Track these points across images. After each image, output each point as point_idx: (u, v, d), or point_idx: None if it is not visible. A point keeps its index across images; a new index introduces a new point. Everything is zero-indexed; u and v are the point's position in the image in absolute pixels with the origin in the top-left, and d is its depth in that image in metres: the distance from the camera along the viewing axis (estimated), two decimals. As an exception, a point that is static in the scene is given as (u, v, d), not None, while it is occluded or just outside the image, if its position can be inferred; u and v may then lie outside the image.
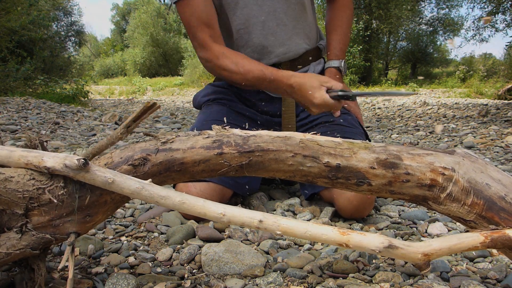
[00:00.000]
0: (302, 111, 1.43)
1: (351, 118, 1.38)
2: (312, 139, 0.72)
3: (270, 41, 1.39)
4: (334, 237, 0.61)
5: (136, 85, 14.90)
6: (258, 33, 1.37)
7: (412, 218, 1.22)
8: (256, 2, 1.34)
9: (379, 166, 0.70)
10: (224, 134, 0.72)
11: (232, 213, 0.62)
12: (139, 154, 0.69)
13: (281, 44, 1.40)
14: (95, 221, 0.69)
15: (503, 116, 4.09)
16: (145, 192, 0.62)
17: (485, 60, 15.37)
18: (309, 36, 1.47)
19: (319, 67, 1.51)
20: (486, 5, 6.71)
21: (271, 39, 1.39)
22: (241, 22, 1.36)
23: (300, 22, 1.42)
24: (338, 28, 1.47)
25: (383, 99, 5.28)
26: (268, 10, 1.35)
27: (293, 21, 1.40)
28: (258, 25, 1.36)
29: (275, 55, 1.40)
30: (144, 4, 25.58)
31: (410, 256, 0.61)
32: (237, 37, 1.39)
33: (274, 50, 1.40)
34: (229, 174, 0.73)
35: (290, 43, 1.41)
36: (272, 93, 1.44)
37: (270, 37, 1.38)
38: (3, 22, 6.65)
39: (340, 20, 1.47)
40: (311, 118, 1.41)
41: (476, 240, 0.62)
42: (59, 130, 3.24)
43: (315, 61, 1.50)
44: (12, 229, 0.65)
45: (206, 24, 1.24)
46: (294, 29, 1.41)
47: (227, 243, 0.93)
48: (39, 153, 0.63)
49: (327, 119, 1.38)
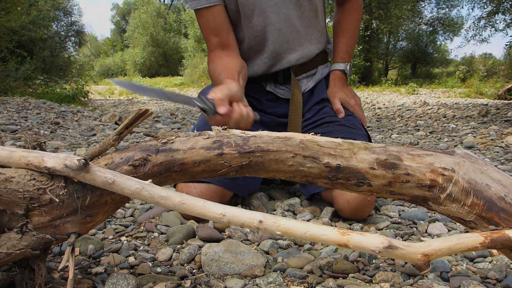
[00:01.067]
0: (308, 111, 1.44)
1: (355, 120, 1.39)
2: (312, 139, 0.72)
3: (283, 48, 1.41)
4: (334, 238, 0.61)
5: (136, 85, 14.86)
6: (274, 40, 1.39)
7: (412, 218, 1.22)
8: (273, 9, 1.35)
9: (379, 166, 0.70)
10: (224, 135, 0.72)
11: (232, 213, 0.62)
12: (139, 154, 0.69)
13: (293, 50, 1.42)
14: (95, 222, 0.69)
15: (503, 116, 4.09)
16: (145, 192, 0.62)
17: (485, 60, 15.37)
18: (320, 40, 1.48)
19: (326, 70, 1.53)
20: (486, 5, 6.71)
21: (284, 46, 1.41)
22: (258, 29, 1.38)
23: (312, 28, 1.44)
24: (346, 31, 1.48)
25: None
26: (284, 18, 1.36)
27: (306, 27, 1.41)
28: (274, 33, 1.38)
29: (287, 61, 1.43)
30: (144, 4, 25.60)
31: (410, 257, 0.61)
32: (253, 43, 1.41)
33: (286, 56, 1.42)
34: (229, 174, 0.73)
35: (303, 49, 1.43)
36: (280, 94, 1.45)
37: (284, 44, 1.40)
38: (3, 22, 6.65)
39: (349, 23, 1.48)
40: (315, 119, 1.42)
41: (476, 240, 0.62)
42: (59, 130, 3.24)
43: (323, 65, 1.52)
44: (13, 229, 0.65)
45: (214, 32, 1.33)
46: (307, 35, 1.42)
47: (227, 243, 0.93)
48: (39, 154, 0.63)
49: (331, 119, 1.38)
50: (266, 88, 1.47)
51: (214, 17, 1.31)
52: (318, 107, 1.44)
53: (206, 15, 1.31)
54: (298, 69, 1.45)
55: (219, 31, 1.32)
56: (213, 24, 1.32)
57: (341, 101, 1.43)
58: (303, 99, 1.45)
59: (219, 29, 1.32)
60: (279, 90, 1.47)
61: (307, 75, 1.48)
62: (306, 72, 1.48)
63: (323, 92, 1.47)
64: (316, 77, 1.49)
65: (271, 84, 1.47)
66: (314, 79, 1.49)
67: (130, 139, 2.80)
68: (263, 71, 1.46)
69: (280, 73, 1.45)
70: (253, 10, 1.34)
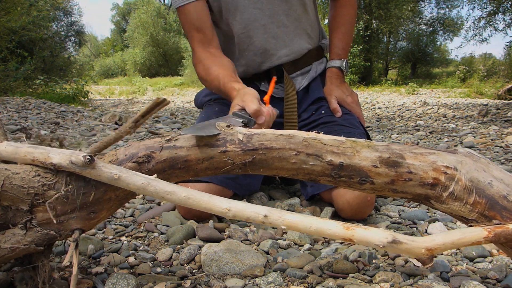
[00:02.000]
0: (304, 111, 1.43)
1: (352, 118, 1.38)
2: (315, 137, 0.72)
3: (271, 44, 1.38)
4: (338, 232, 0.61)
5: (136, 85, 14.89)
6: (259, 36, 1.37)
7: (412, 218, 1.22)
8: (256, 5, 1.33)
9: (382, 164, 0.70)
10: (228, 132, 0.73)
11: (237, 208, 0.62)
12: (143, 151, 0.70)
13: (283, 46, 1.39)
14: (99, 218, 0.69)
15: (503, 116, 4.10)
16: (150, 187, 0.62)
17: (485, 60, 15.37)
18: (311, 35, 1.46)
19: (321, 66, 1.51)
20: (486, 5, 6.71)
21: (272, 42, 1.38)
22: (242, 26, 1.36)
23: (302, 22, 1.41)
24: (341, 26, 1.45)
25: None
26: (269, 14, 1.35)
27: (294, 22, 1.39)
28: (259, 29, 1.36)
29: (277, 58, 1.40)
30: (144, 4, 25.58)
31: (414, 251, 0.61)
32: (238, 41, 1.39)
33: (276, 52, 1.40)
34: (232, 172, 0.74)
35: (292, 44, 1.40)
36: (274, 93, 1.44)
37: (272, 40, 1.38)
38: (3, 22, 6.65)
39: (343, 18, 1.46)
40: (312, 119, 1.41)
41: (479, 234, 0.63)
42: (59, 130, 3.24)
43: (318, 61, 1.50)
44: (17, 225, 0.65)
45: (197, 29, 1.31)
46: (296, 30, 1.40)
47: (227, 243, 0.93)
48: (45, 150, 0.63)
49: (328, 119, 1.38)
50: (260, 87, 1.45)
51: (198, 13, 1.30)
52: (314, 107, 1.43)
53: (189, 11, 1.30)
54: (291, 66, 1.43)
55: (202, 27, 1.31)
56: (196, 20, 1.31)
57: (338, 99, 1.41)
58: (298, 97, 1.43)
59: (202, 25, 1.31)
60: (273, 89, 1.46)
61: (301, 73, 1.47)
62: (300, 69, 1.46)
63: (319, 91, 1.45)
64: (311, 74, 1.47)
65: (265, 83, 1.45)
66: (309, 76, 1.47)
67: (130, 139, 2.80)
68: (254, 70, 1.44)
69: (273, 71, 1.43)
70: (236, 7, 1.33)
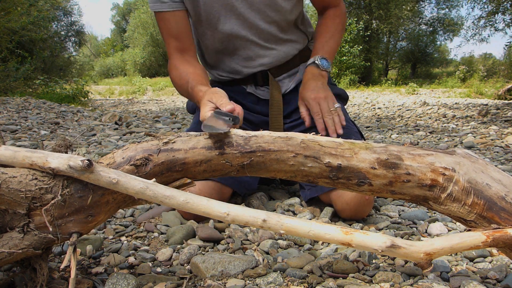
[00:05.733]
0: (294, 112, 1.42)
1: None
2: (313, 139, 0.72)
3: (255, 51, 1.38)
4: (337, 236, 0.61)
5: (136, 85, 14.91)
6: (242, 45, 1.37)
7: (412, 218, 1.22)
8: (237, 17, 1.32)
9: (380, 166, 0.70)
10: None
11: (236, 212, 0.62)
12: (141, 154, 0.70)
13: (266, 54, 1.39)
14: (97, 221, 0.69)
15: (503, 116, 4.09)
16: (149, 191, 0.62)
17: (485, 60, 15.39)
18: (298, 40, 1.45)
19: None
20: (486, 5, 6.71)
21: (255, 50, 1.38)
22: (224, 36, 1.35)
23: (289, 32, 1.40)
24: (324, 33, 1.42)
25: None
26: (250, 26, 1.34)
27: (279, 32, 1.38)
28: (241, 39, 1.36)
29: (260, 64, 1.40)
30: (144, 4, 25.59)
31: (412, 256, 0.61)
32: (221, 48, 1.40)
33: (259, 60, 1.40)
34: (230, 174, 0.74)
35: (277, 52, 1.40)
36: (260, 95, 1.44)
37: (254, 47, 1.38)
38: (3, 23, 6.65)
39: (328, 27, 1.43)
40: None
41: (478, 239, 0.63)
42: (59, 130, 3.24)
43: (305, 62, 1.47)
44: (15, 228, 0.65)
45: (175, 36, 1.31)
46: (281, 39, 1.39)
47: (227, 243, 0.93)
48: (43, 154, 0.63)
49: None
50: (246, 90, 1.46)
51: (177, 22, 1.30)
52: None
53: (168, 19, 1.30)
54: (278, 69, 1.43)
55: (180, 35, 1.31)
56: (175, 28, 1.30)
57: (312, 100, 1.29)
58: (286, 99, 1.43)
59: (180, 34, 1.31)
60: (260, 91, 1.45)
61: (288, 75, 1.46)
62: (286, 71, 1.45)
63: None
64: (298, 77, 1.46)
65: (252, 86, 1.45)
66: (296, 78, 1.46)
67: (130, 139, 2.80)
68: (239, 75, 1.44)
69: (259, 74, 1.43)
70: (218, 18, 1.32)
